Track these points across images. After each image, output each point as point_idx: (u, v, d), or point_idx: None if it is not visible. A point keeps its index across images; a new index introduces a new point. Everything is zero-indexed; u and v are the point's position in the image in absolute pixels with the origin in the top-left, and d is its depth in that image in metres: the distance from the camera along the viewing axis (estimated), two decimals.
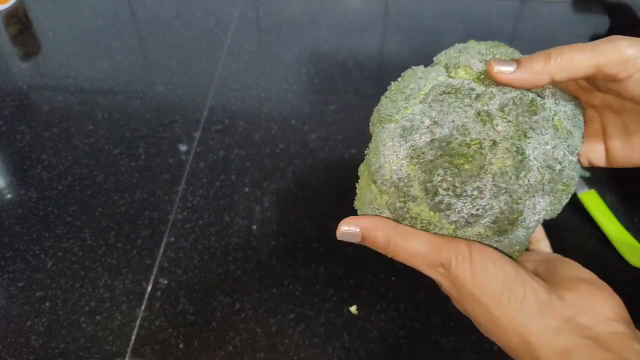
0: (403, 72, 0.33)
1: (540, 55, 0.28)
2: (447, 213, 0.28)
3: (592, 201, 0.52)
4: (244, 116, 0.64)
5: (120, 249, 0.52)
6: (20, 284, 0.49)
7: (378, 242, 0.30)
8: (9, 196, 0.57)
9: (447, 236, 0.29)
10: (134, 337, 0.46)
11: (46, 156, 0.60)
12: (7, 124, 0.64)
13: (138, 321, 0.47)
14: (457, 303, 0.30)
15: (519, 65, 0.28)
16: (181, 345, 0.45)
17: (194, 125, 0.63)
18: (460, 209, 0.28)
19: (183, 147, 0.61)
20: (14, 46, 0.75)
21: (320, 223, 0.53)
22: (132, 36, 0.76)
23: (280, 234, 0.52)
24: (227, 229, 0.53)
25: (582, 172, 0.55)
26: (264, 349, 0.45)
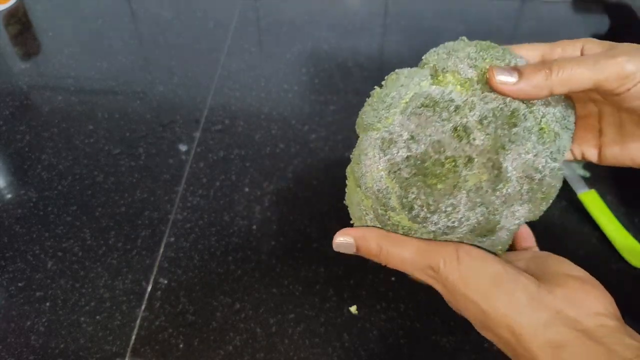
0: (387, 76, 0.33)
1: (542, 68, 0.28)
2: (425, 224, 0.29)
3: (592, 201, 0.52)
4: (244, 116, 0.64)
5: (120, 249, 0.52)
6: (20, 284, 0.49)
7: (371, 251, 0.31)
8: (9, 196, 0.57)
9: (435, 240, 0.30)
10: (134, 337, 0.46)
11: (46, 156, 0.60)
12: (7, 124, 0.64)
13: (138, 321, 0.47)
14: (451, 304, 0.30)
15: (520, 77, 0.28)
16: (181, 345, 0.45)
17: (194, 125, 0.63)
18: (436, 222, 0.29)
19: (183, 147, 0.61)
20: (14, 46, 0.75)
21: (320, 223, 0.53)
22: (132, 36, 0.76)
23: (280, 234, 0.52)
24: (227, 229, 0.53)
25: (582, 172, 0.55)
26: (264, 349, 0.45)
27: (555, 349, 0.25)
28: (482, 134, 0.28)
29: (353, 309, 0.47)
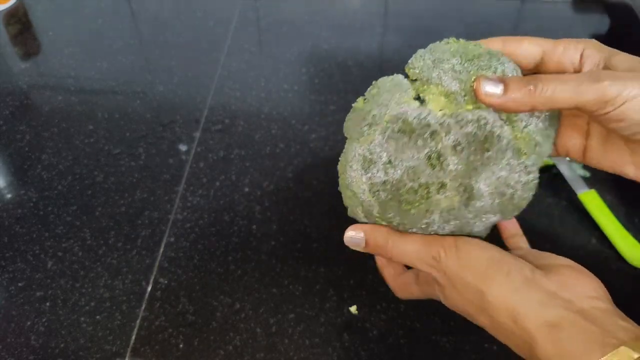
0: (370, 87, 0.34)
1: (527, 84, 0.28)
2: (407, 230, 0.33)
3: (592, 201, 0.52)
4: (244, 116, 0.64)
5: (120, 249, 0.52)
6: (20, 284, 0.49)
7: (379, 244, 0.33)
8: (9, 196, 0.57)
9: (436, 235, 0.32)
10: (134, 337, 0.46)
11: (46, 156, 0.60)
12: (7, 124, 0.64)
13: (138, 321, 0.47)
14: (449, 299, 0.32)
15: (505, 91, 0.29)
16: (181, 345, 0.45)
17: (194, 125, 0.63)
18: (415, 231, 0.32)
19: (183, 147, 0.61)
20: (14, 46, 0.75)
21: (320, 223, 0.53)
22: (132, 36, 0.76)
23: (280, 234, 0.52)
24: (227, 229, 0.53)
25: (582, 172, 0.55)
26: (264, 349, 0.45)
27: (552, 328, 0.26)
28: (456, 158, 0.30)
29: (353, 309, 0.47)
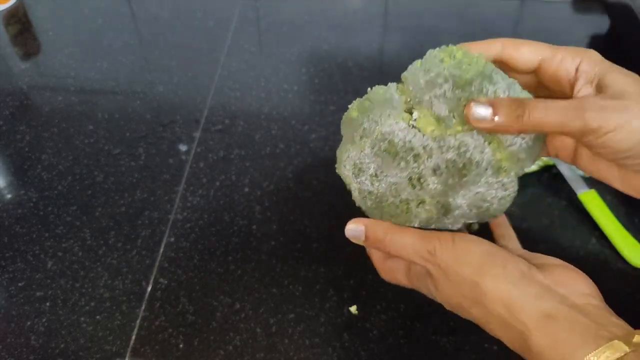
0: (365, 97, 0.35)
1: (516, 109, 0.29)
2: None
3: (592, 201, 0.52)
4: (244, 116, 0.64)
5: (120, 249, 0.52)
6: (20, 284, 0.49)
7: (378, 237, 0.34)
8: (9, 196, 0.57)
9: (434, 230, 0.33)
10: (134, 337, 0.46)
11: (46, 156, 0.60)
12: (7, 124, 0.64)
13: (138, 321, 0.47)
14: (442, 290, 0.32)
15: (494, 116, 0.30)
16: (181, 345, 0.45)
17: (194, 125, 0.63)
18: None
19: (183, 147, 0.61)
20: (14, 46, 0.75)
21: (320, 223, 0.53)
22: (132, 36, 0.76)
23: (280, 234, 0.52)
24: (227, 229, 0.53)
25: (582, 172, 0.55)
26: (264, 349, 0.45)
27: (547, 320, 0.26)
28: (436, 179, 0.33)
29: (353, 309, 0.47)
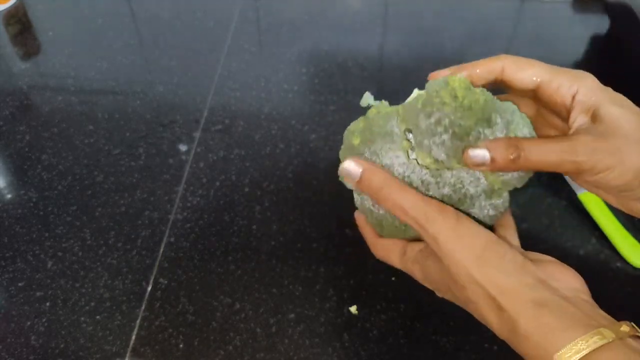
0: (364, 119, 0.36)
1: (512, 152, 0.31)
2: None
3: (592, 201, 0.52)
4: (244, 116, 0.64)
5: (120, 249, 0.52)
6: (20, 284, 0.49)
7: (373, 185, 0.33)
8: (9, 196, 0.57)
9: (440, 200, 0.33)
10: (134, 337, 0.46)
11: (46, 156, 0.60)
12: (7, 124, 0.64)
13: (138, 321, 0.47)
14: (427, 265, 0.33)
15: (492, 161, 0.31)
16: (181, 345, 0.45)
17: (194, 125, 0.63)
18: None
19: (183, 147, 0.61)
20: (14, 46, 0.75)
21: (320, 223, 0.53)
22: (132, 36, 0.76)
23: (280, 234, 0.52)
24: (227, 229, 0.53)
25: None
26: (264, 349, 0.45)
27: (538, 307, 0.27)
28: None
29: (353, 309, 0.47)
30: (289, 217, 0.54)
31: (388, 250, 0.36)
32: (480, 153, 0.31)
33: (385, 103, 0.35)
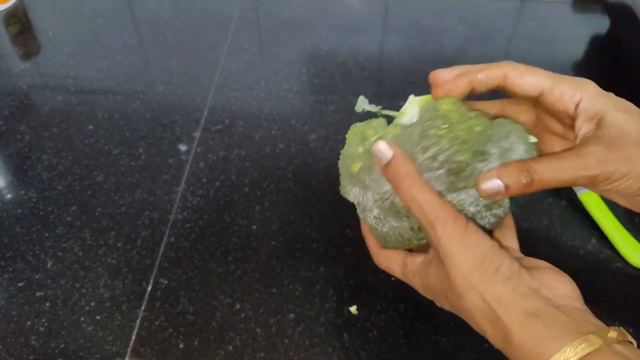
0: (364, 151, 0.36)
1: (524, 178, 0.31)
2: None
3: (592, 201, 0.52)
4: (244, 116, 0.64)
5: (120, 249, 0.52)
6: (20, 284, 0.49)
7: (398, 172, 0.33)
8: (9, 196, 0.57)
9: (453, 206, 0.33)
10: (134, 337, 0.46)
11: (46, 156, 0.60)
12: (7, 124, 0.64)
13: (138, 321, 0.47)
14: (427, 274, 0.34)
15: (506, 189, 0.31)
16: (181, 345, 0.45)
17: (194, 125, 0.63)
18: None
19: (183, 147, 0.61)
20: (14, 46, 0.75)
21: (320, 223, 0.53)
22: (132, 36, 0.76)
23: (280, 234, 0.52)
24: (227, 229, 0.53)
25: None
26: (264, 349, 0.45)
27: (530, 317, 0.28)
28: None
29: (353, 309, 0.47)
30: (289, 217, 0.54)
31: (389, 262, 0.37)
32: (493, 184, 0.31)
33: (379, 108, 0.37)
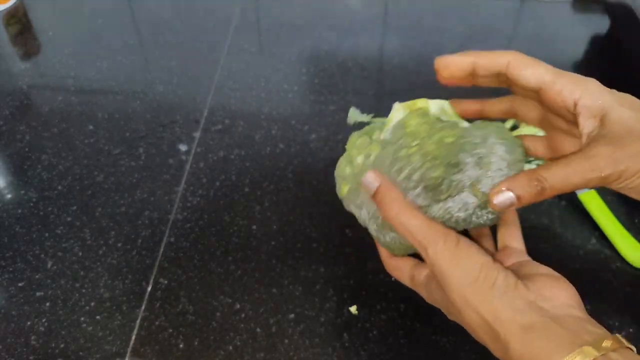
0: (348, 173, 0.38)
1: (535, 185, 0.31)
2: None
3: (592, 201, 0.52)
4: (244, 116, 0.64)
5: (120, 249, 0.52)
6: (20, 284, 0.49)
7: (384, 202, 0.34)
8: (9, 196, 0.57)
9: (443, 224, 0.34)
10: (134, 337, 0.46)
11: (46, 156, 0.60)
12: (7, 124, 0.64)
13: (138, 321, 0.47)
14: (431, 288, 0.35)
15: (517, 198, 0.31)
16: (181, 345, 0.45)
17: (194, 125, 0.63)
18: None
19: (183, 147, 0.61)
20: (14, 46, 0.75)
21: (320, 223, 0.53)
22: (132, 36, 0.76)
23: (280, 234, 0.52)
24: (227, 229, 0.53)
25: None
26: (264, 349, 0.45)
27: (527, 331, 0.29)
28: None
29: (353, 309, 0.47)
30: (289, 217, 0.54)
31: (398, 272, 0.38)
32: (505, 196, 0.31)
33: (369, 117, 0.37)
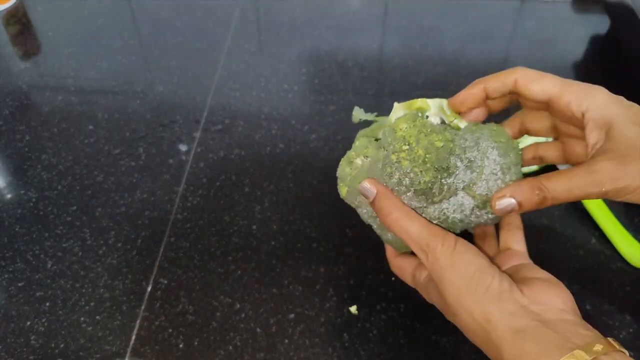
0: (347, 173, 0.38)
1: (537, 194, 0.32)
2: None
3: (592, 201, 0.52)
4: (244, 116, 0.64)
5: (120, 249, 0.52)
6: (20, 284, 0.49)
7: (382, 209, 0.34)
8: (9, 196, 0.57)
9: (440, 227, 0.34)
10: (134, 337, 0.46)
11: (46, 156, 0.60)
12: (7, 124, 0.64)
13: (138, 321, 0.47)
14: (430, 290, 0.35)
15: (518, 204, 0.32)
16: (181, 345, 0.45)
17: (194, 125, 0.63)
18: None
19: (183, 147, 0.61)
20: (14, 46, 0.75)
21: (320, 223, 0.53)
22: (132, 36, 0.76)
23: (280, 234, 0.52)
24: (227, 229, 0.53)
25: None
26: (264, 349, 0.45)
27: (518, 334, 0.29)
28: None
29: (353, 309, 0.47)
30: (289, 217, 0.54)
31: (401, 272, 0.39)
32: (506, 202, 0.32)
33: (374, 115, 0.37)
